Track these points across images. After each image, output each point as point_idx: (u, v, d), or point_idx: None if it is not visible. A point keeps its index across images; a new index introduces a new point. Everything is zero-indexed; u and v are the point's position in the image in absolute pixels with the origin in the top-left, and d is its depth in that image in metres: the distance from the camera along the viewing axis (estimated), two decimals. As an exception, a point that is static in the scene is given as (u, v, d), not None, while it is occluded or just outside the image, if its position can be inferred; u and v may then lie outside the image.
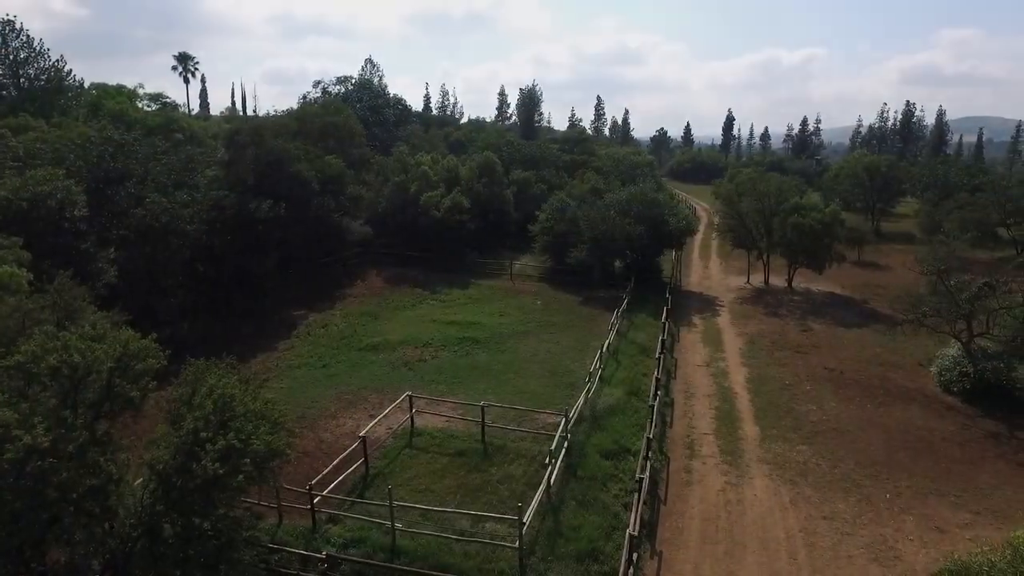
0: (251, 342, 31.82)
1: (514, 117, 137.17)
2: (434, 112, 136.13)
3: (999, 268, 41.28)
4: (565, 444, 20.56)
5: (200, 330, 31.11)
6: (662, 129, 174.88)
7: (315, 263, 43.48)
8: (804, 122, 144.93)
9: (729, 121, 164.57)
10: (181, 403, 13.46)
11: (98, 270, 25.49)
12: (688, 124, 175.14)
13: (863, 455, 21.78)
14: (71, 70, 56.70)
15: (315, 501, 17.23)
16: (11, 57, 52.86)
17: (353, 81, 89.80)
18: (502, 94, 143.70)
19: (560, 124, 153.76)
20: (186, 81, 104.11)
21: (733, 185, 54.47)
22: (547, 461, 19.14)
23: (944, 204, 59.94)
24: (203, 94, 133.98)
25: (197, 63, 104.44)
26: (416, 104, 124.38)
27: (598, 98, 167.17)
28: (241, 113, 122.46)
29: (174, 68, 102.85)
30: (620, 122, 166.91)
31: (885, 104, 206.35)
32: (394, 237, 49.62)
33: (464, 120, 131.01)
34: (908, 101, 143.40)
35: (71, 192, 26.12)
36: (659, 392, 24.49)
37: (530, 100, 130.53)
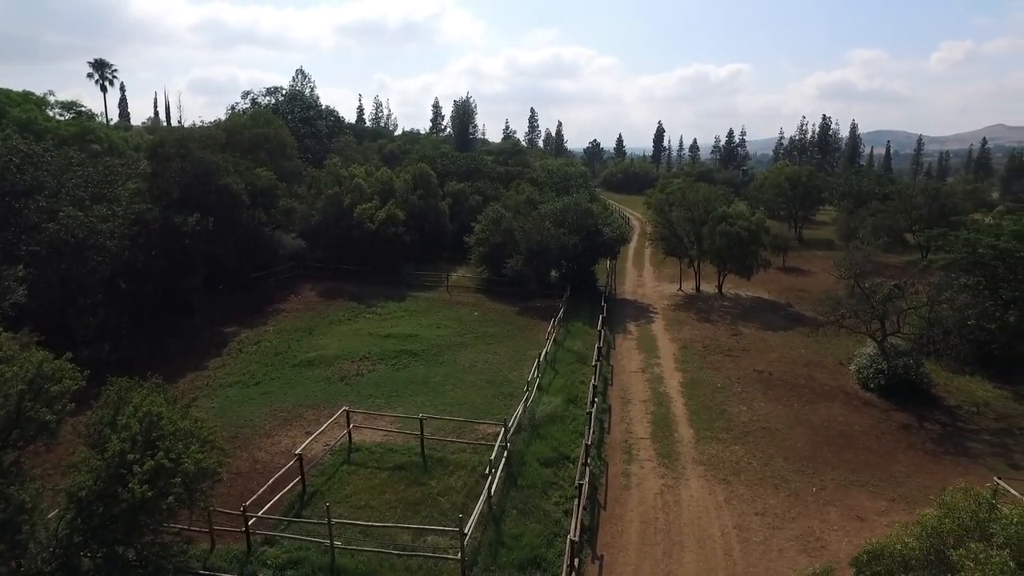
0: (178, 361, 30.55)
1: (449, 129, 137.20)
2: (368, 124, 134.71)
3: (908, 271, 44.11)
4: (505, 454, 20.61)
5: (123, 350, 29.62)
6: (595, 141, 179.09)
7: (246, 278, 42.15)
8: (730, 134, 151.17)
9: (660, 133, 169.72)
10: (104, 425, 12.79)
11: (4, 288, 23.89)
12: (621, 136, 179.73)
13: (791, 452, 22.78)
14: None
15: (250, 523, 16.61)
16: None
17: (284, 92, 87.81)
18: (437, 106, 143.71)
19: (495, 136, 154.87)
20: (103, 89, 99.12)
21: (664, 195, 56.16)
22: (487, 471, 19.14)
23: (858, 212, 63.70)
24: (123, 103, 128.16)
25: (115, 70, 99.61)
26: (350, 116, 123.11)
27: (532, 110, 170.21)
28: (165, 123, 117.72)
29: (89, 75, 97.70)
30: (554, 134, 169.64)
31: (804, 117, 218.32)
32: (328, 250, 48.64)
33: (398, 132, 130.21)
34: (825, 115, 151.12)
35: (-31, 206, 24.46)
36: (596, 399, 24.87)
37: (465, 112, 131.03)
